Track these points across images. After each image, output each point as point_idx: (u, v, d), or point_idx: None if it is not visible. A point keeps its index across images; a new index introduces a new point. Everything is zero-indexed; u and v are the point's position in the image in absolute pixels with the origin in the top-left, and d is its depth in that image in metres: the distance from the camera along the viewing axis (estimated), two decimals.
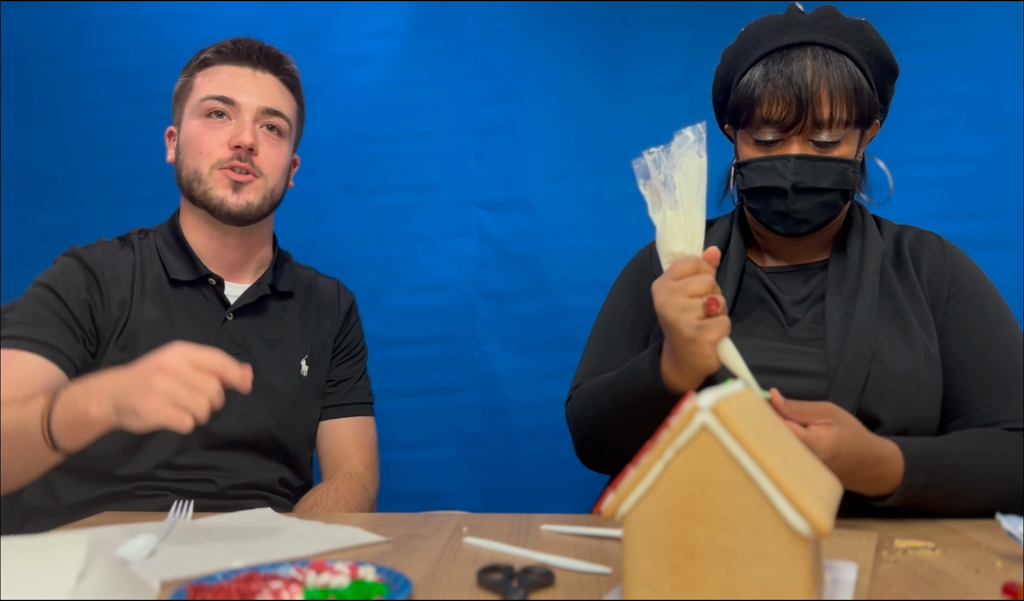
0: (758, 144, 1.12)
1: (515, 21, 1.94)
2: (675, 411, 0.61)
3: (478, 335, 1.93)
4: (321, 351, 1.40)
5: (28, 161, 2.02)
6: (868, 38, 1.13)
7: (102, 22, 2.02)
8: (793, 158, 1.10)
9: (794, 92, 1.07)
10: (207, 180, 1.27)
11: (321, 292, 1.45)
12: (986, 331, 1.10)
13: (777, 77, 1.09)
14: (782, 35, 1.12)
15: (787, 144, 1.11)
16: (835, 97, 1.08)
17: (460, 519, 1.04)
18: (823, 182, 1.10)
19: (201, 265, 1.31)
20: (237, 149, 1.27)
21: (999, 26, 1.81)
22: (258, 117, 1.29)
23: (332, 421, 1.41)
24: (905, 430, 1.04)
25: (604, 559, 0.83)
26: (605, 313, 1.32)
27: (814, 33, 1.11)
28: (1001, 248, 1.79)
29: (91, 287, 1.25)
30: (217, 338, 1.29)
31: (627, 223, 1.89)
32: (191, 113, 1.30)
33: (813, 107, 1.07)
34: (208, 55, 1.32)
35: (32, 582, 0.65)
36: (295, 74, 1.37)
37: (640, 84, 1.92)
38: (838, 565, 0.76)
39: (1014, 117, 1.79)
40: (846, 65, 1.09)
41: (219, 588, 0.68)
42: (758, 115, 1.10)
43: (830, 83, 1.08)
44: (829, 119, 1.08)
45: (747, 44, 1.16)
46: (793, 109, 1.08)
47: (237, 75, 1.30)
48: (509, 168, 1.94)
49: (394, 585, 0.69)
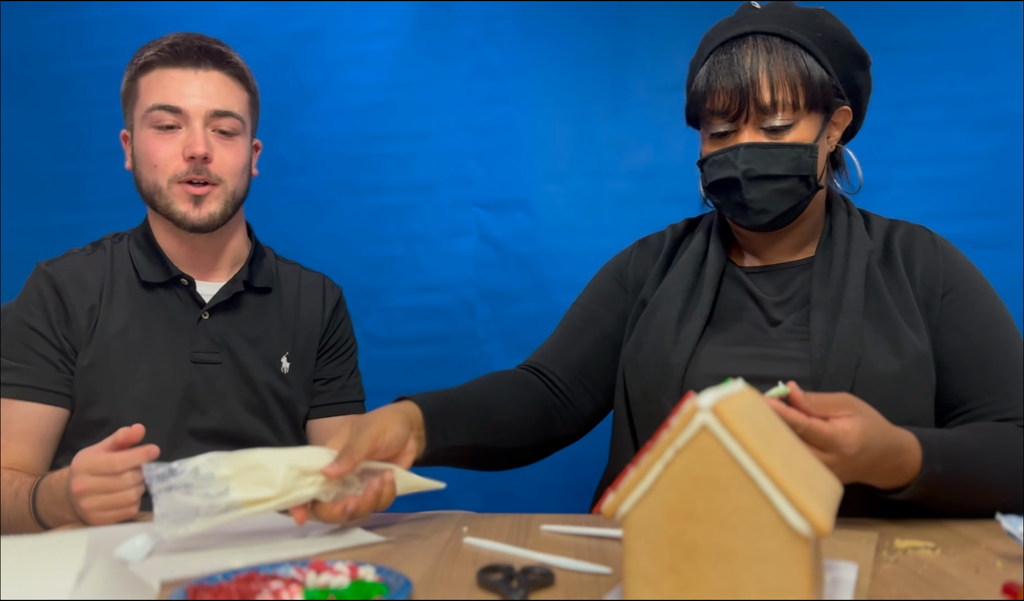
0: (713, 138, 1.13)
1: (515, 21, 1.94)
2: (675, 411, 0.61)
3: (478, 335, 1.93)
4: (305, 347, 1.39)
5: (28, 161, 2.02)
6: (822, 24, 1.12)
7: (102, 22, 2.02)
8: (743, 147, 1.09)
9: (734, 81, 1.08)
10: (167, 195, 1.26)
11: (306, 288, 1.43)
12: (983, 328, 1.09)
13: (719, 68, 1.10)
14: (729, 30, 1.13)
15: (739, 134, 1.11)
16: (776, 82, 1.08)
17: (460, 519, 1.04)
18: (776, 168, 1.09)
19: (172, 266, 1.31)
20: (192, 159, 1.25)
21: (999, 26, 1.81)
22: (208, 121, 1.26)
23: (326, 420, 1.41)
24: None
25: (604, 559, 0.83)
26: (573, 303, 1.34)
27: (757, 24, 1.11)
28: (1001, 248, 1.79)
29: (58, 306, 1.26)
30: (193, 338, 1.29)
31: (627, 223, 1.89)
32: (140, 122, 1.28)
33: (754, 93, 1.08)
34: (149, 57, 1.28)
35: (32, 582, 0.66)
36: (240, 65, 1.33)
37: (640, 84, 1.92)
38: (838, 565, 0.76)
39: (1014, 117, 1.79)
40: (789, 50, 1.09)
41: (219, 588, 0.68)
42: (707, 109, 1.11)
43: (770, 68, 1.08)
44: (772, 104, 1.08)
45: (702, 46, 1.17)
46: (736, 98, 1.08)
47: (181, 79, 1.26)
48: (509, 168, 1.94)
49: (394, 585, 0.69)
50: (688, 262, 1.22)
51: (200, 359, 1.29)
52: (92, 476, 0.99)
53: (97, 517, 1.00)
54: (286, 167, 1.98)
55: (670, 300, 1.18)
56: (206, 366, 1.29)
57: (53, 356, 1.25)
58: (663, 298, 1.20)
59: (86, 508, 1.00)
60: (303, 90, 1.98)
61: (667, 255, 1.28)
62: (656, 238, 1.33)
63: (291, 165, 1.98)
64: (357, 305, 1.95)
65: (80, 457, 1.02)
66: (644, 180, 1.91)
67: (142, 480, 1.01)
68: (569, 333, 1.28)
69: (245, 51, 1.41)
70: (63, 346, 1.25)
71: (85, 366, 1.24)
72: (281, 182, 1.97)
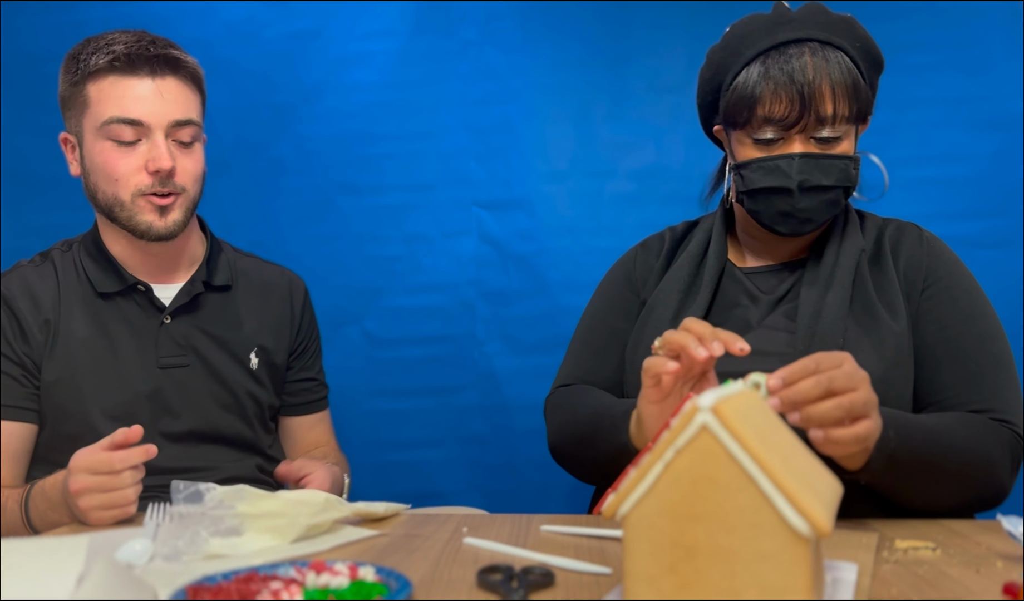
0: (758, 143, 1.11)
1: (515, 21, 1.94)
2: (676, 412, 0.61)
3: (478, 335, 1.93)
4: (274, 341, 1.38)
5: (28, 161, 2.02)
6: (857, 34, 1.12)
7: (102, 22, 2.01)
8: (798, 157, 1.09)
9: (797, 89, 1.07)
10: (130, 208, 1.23)
11: (269, 281, 1.42)
12: (959, 323, 1.10)
13: (778, 74, 1.08)
14: (775, 32, 1.11)
15: (788, 143, 1.10)
16: (837, 93, 1.07)
17: (460, 519, 1.04)
18: (827, 179, 1.09)
19: (126, 273, 1.28)
20: (157, 174, 1.22)
21: (999, 26, 1.81)
22: (169, 132, 1.23)
23: (301, 417, 1.44)
24: None
25: (604, 559, 0.83)
26: (588, 315, 1.32)
27: (807, 29, 1.10)
28: (1001, 248, 1.79)
29: (11, 322, 1.25)
30: (156, 343, 1.27)
31: (627, 223, 1.89)
32: (95, 133, 1.23)
33: (816, 104, 1.07)
34: (99, 63, 1.22)
35: (32, 583, 0.66)
36: (194, 67, 1.29)
37: (640, 84, 1.92)
38: (838, 565, 0.76)
39: (1014, 117, 1.79)
40: (844, 61, 1.09)
41: (219, 588, 0.68)
42: (759, 114, 1.09)
43: (832, 79, 1.07)
44: (832, 115, 1.08)
45: (735, 44, 1.14)
46: (796, 106, 1.07)
47: (138, 89, 1.21)
48: (509, 168, 1.94)
49: (394, 585, 0.69)
50: (685, 263, 1.22)
51: (167, 364, 1.27)
52: (90, 475, 0.99)
53: (95, 516, 1.00)
54: (286, 167, 1.97)
55: (666, 300, 1.19)
56: (174, 370, 1.28)
57: (15, 372, 1.23)
58: (659, 298, 1.20)
59: (84, 507, 0.99)
60: (303, 90, 1.98)
61: (667, 256, 1.28)
62: (656, 240, 1.34)
63: (291, 165, 1.98)
64: (357, 305, 1.96)
65: (78, 456, 1.02)
66: (644, 180, 1.91)
67: (140, 479, 1.01)
68: (596, 349, 1.27)
69: (245, 51, 1.40)
70: (23, 361, 1.23)
71: (51, 381, 1.23)
72: (281, 182, 1.97)
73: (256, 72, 1.98)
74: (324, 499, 0.94)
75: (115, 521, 1.01)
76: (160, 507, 0.99)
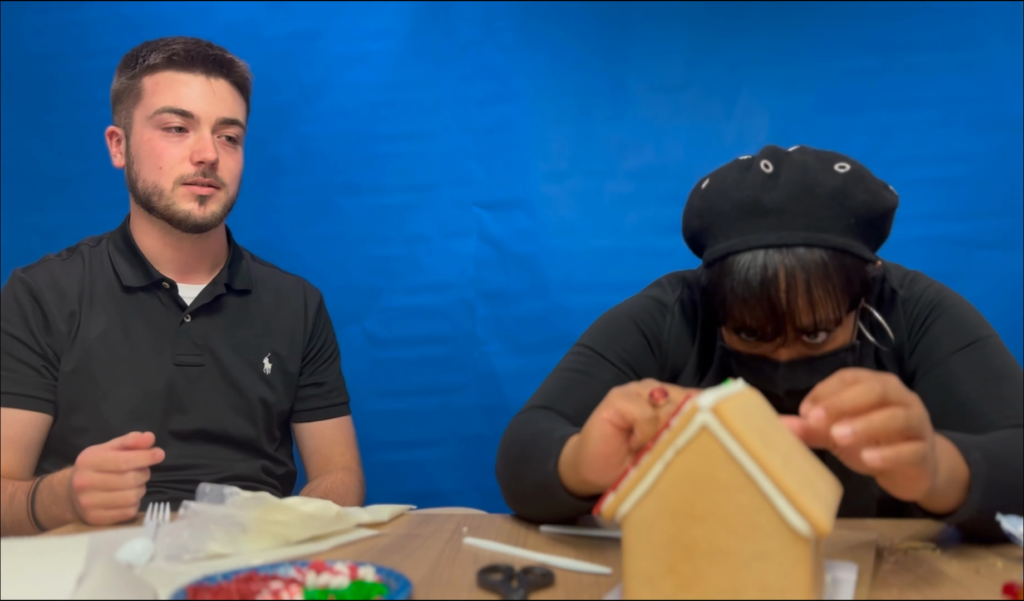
0: (739, 333, 0.99)
1: (515, 21, 1.94)
2: (676, 411, 0.61)
3: (478, 335, 1.93)
4: (288, 349, 1.39)
5: (28, 161, 2.02)
6: (852, 206, 0.95)
7: (102, 22, 2.02)
8: (782, 367, 0.97)
9: (769, 305, 0.93)
10: (170, 196, 1.26)
11: (285, 290, 1.43)
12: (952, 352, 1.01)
13: (747, 291, 0.93)
14: (749, 226, 0.95)
15: (773, 345, 0.97)
16: (817, 303, 0.93)
17: (460, 519, 1.04)
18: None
19: (153, 269, 1.30)
20: (200, 164, 1.25)
21: (999, 26, 1.81)
22: (216, 128, 1.27)
23: (316, 423, 1.43)
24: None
25: (604, 559, 0.83)
26: (590, 349, 1.13)
27: (786, 226, 0.94)
28: (1001, 248, 1.79)
29: (37, 313, 1.26)
30: (175, 341, 1.29)
31: (627, 223, 1.89)
32: (144, 122, 1.27)
33: (794, 318, 0.93)
34: (157, 59, 1.27)
35: (32, 583, 0.66)
36: (246, 75, 1.35)
37: (640, 84, 1.92)
38: (838, 565, 0.76)
39: (1014, 117, 1.80)
40: (830, 261, 0.93)
41: (219, 588, 0.68)
42: (733, 321, 0.97)
43: (810, 292, 0.92)
44: (814, 324, 0.94)
45: (710, 219, 0.99)
46: (771, 323, 0.94)
47: (192, 84, 1.27)
48: (509, 168, 1.94)
49: (394, 585, 0.69)
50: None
51: (182, 362, 1.29)
52: (95, 472, 0.99)
53: (94, 515, 1.00)
54: (286, 167, 1.98)
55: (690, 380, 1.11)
56: (188, 368, 1.29)
57: (36, 362, 1.25)
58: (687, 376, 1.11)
59: (85, 505, 1.00)
60: (303, 90, 1.98)
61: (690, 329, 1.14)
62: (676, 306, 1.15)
63: (291, 165, 1.98)
64: (357, 305, 1.96)
65: (86, 453, 1.02)
66: (644, 180, 1.91)
67: (143, 483, 1.01)
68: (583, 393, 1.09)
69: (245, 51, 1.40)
70: (45, 352, 1.25)
71: (68, 371, 1.25)
72: (281, 182, 1.98)
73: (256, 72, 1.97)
74: (336, 513, 0.95)
75: (114, 522, 1.01)
76: (160, 507, 0.99)
